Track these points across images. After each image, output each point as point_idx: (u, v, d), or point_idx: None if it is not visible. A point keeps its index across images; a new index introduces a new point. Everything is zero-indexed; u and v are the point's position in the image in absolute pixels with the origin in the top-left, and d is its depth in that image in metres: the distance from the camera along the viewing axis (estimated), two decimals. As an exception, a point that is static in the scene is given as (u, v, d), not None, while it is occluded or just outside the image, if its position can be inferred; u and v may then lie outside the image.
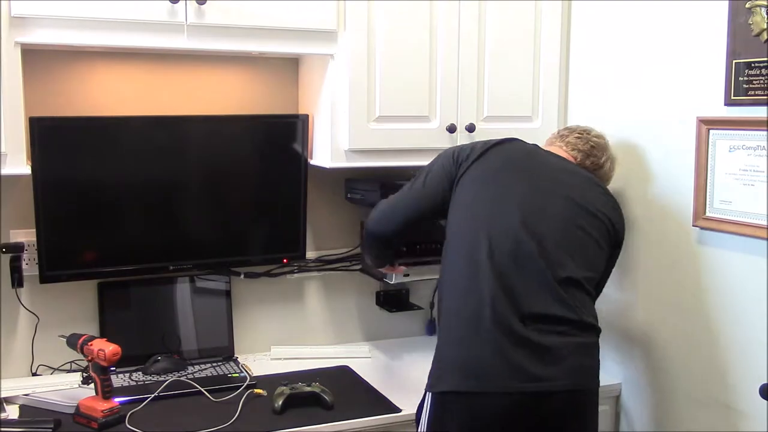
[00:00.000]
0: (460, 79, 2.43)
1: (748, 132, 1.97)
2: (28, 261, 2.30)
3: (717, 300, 2.08)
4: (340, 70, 2.31)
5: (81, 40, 2.06)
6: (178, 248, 2.41)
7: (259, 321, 2.63)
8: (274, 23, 2.21)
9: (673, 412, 2.22)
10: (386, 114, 2.36)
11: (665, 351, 2.24)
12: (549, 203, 1.96)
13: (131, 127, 2.32)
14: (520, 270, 1.87)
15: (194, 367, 2.38)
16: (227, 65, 2.50)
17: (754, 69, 1.94)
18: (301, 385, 2.15)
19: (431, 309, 2.82)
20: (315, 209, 2.59)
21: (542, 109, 2.54)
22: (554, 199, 1.97)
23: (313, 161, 2.47)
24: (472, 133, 2.43)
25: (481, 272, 1.88)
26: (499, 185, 1.99)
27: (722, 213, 2.04)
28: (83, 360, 2.11)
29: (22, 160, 2.05)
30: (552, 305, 1.86)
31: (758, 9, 1.92)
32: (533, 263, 1.87)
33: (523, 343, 1.83)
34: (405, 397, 2.20)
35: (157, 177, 2.34)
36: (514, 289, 1.85)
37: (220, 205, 2.45)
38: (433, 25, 2.38)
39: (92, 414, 1.99)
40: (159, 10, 2.08)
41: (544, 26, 2.52)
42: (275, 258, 2.55)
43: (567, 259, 1.90)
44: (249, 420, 2.04)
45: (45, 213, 2.19)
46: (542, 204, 1.95)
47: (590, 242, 1.96)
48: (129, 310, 2.43)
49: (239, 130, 2.45)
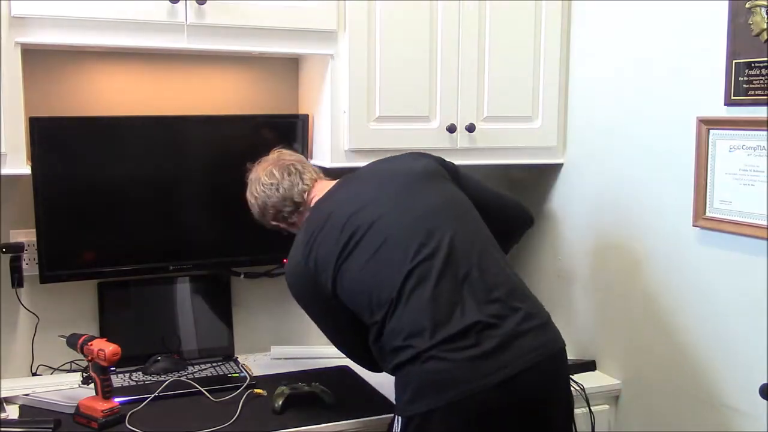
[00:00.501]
0: (460, 79, 2.43)
1: (748, 132, 1.97)
2: (28, 261, 2.30)
3: (717, 300, 2.08)
4: (340, 70, 2.31)
5: (81, 40, 2.06)
6: (178, 248, 2.41)
7: (259, 321, 2.63)
8: (274, 23, 2.21)
9: (673, 412, 2.22)
10: (386, 114, 2.36)
11: (665, 351, 2.24)
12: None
13: (131, 127, 2.32)
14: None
15: (194, 367, 2.38)
16: (227, 65, 2.50)
17: (754, 69, 1.94)
18: (301, 385, 2.15)
19: (431, 309, 2.82)
20: (315, 209, 2.59)
21: (542, 109, 2.54)
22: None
23: (313, 161, 2.47)
24: (472, 133, 2.43)
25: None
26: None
27: (722, 213, 2.04)
28: (83, 360, 2.11)
29: (22, 160, 2.05)
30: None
31: (758, 9, 1.92)
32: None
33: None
34: (405, 397, 2.20)
35: (157, 177, 2.35)
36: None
37: (220, 205, 2.45)
38: (433, 25, 2.38)
39: (92, 414, 1.99)
40: (159, 10, 2.08)
41: (544, 26, 2.52)
42: (275, 258, 2.55)
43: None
44: (249, 420, 2.04)
45: (45, 213, 2.19)
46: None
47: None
48: (129, 310, 2.44)
49: (239, 130, 2.45)
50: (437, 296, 1.80)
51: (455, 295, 1.81)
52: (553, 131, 2.56)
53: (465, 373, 1.75)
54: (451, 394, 1.75)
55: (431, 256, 1.83)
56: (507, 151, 2.50)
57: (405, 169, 2.02)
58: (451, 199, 1.97)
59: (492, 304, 1.81)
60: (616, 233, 2.38)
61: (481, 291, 1.82)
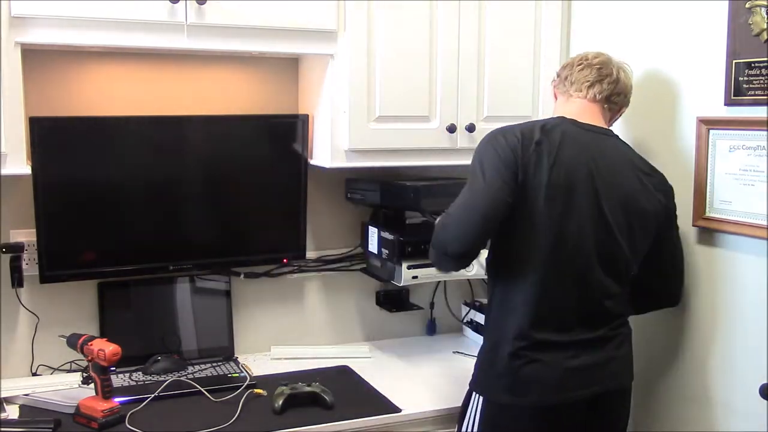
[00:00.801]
0: (460, 79, 2.43)
1: (748, 132, 1.97)
2: (28, 261, 2.30)
3: (717, 300, 2.08)
4: (340, 70, 2.31)
5: (81, 40, 2.06)
6: (178, 248, 2.41)
7: (259, 321, 2.63)
8: (274, 23, 2.21)
9: (673, 412, 2.22)
10: (386, 114, 2.35)
11: (665, 351, 2.24)
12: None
13: (131, 127, 2.32)
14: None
15: (194, 367, 2.38)
16: (227, 65, 2.50)
17: (754, 69, 1.94)
18: (301, 385, 2.15)
19: (431, 309, 2.82)
20: (315, 209, 2.59)
21: (542, 109, 2.54)
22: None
23: (313, 161, 2.47)
24: (472, 133, 2.43)
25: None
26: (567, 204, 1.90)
27: (722, 213, 2.04)
28: (83, 360, 2.11)
29: (22, 160, 2.05)
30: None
31: (758, 9, 1.92)
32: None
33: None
34: (405, 397, 2.20)
35: (157, 177, 2.34)
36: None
37: (220, 205, 2.45)
38: (433, 25, 2.38)
39: (92, 414, 1.99)
40: (159, 10, 2.08)
41: (544, 26, 2.52)
42: (275, 258, 2.55)
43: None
44: (249, 420, 2.04)
45: (45, 213, 2.19)
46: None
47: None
48: (129, 310, 2.43)
49: (239, 130, 2.45)
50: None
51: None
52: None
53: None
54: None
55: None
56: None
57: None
58: None
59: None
60: (616, 233, 2.38)
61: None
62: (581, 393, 1.92)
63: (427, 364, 2.52)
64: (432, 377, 2.40)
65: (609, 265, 1.94)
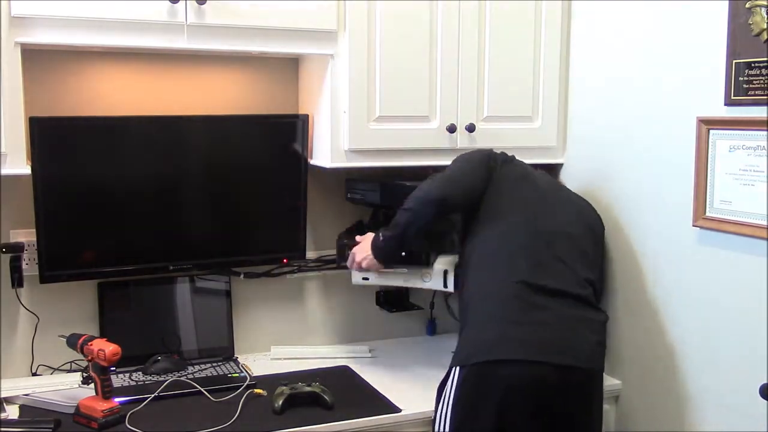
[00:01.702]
0: (460, 79, 2.43)
1: (748, 132, 1.97)
2: (28, 261, 2.30)
3: (717, 300, 2.08)
4: (341, 70, 2.31)
5: (81, 40, 2.06)
6: (178, 248, 2.41)
7: (259, 321, 2.63)
8: (274, 23, 2.21)
9: (673, 412, 2.22)
10: (386, 114, 2.36)
11: (665, 351, 2.24)
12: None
13: (131, 127, 2.32)
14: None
15: (194, 367, 2.38)
16: (227, 65, 2.50)
17: (754, 69, 1.94)
18: (301, 385, 2.15)
19: (431, 309, 2.82)
20: (315, 209, 2.59)
21: (542, 109, 2.54)
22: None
23: (313, 161, 2.47)
24: (472, 133, 2.43)
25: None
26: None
27: (722, 213, 2.04)
28: (83, 360, 2.11)
29: (22, 160, 2.05)
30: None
31: (758, 9, 1.92)
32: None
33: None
34: (405, 397, 2.21)
35: (157, 177, 2.35)
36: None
37: (220, 205, 2.45)
38: (433, 25, 2.38)
39: (92, 414, 1.99)
40: (159, 10, 2.08)
41: (544, 26, 2.52)
42: (275, 258, 2.55)
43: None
44: (249, 420, 2.04)
45: (45, 213, 2.19)
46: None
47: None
48: (129, 310, 2.43)
49: (239, 130, 2.45)
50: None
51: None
52: (553, 131, 2.56)
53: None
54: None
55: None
56: (507, 151, 2.49)
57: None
58: None
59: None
60: (615, 233, 2.38)
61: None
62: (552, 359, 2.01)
63: (427, 364, 2.52)
64: (432, 377, 2.40)
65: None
